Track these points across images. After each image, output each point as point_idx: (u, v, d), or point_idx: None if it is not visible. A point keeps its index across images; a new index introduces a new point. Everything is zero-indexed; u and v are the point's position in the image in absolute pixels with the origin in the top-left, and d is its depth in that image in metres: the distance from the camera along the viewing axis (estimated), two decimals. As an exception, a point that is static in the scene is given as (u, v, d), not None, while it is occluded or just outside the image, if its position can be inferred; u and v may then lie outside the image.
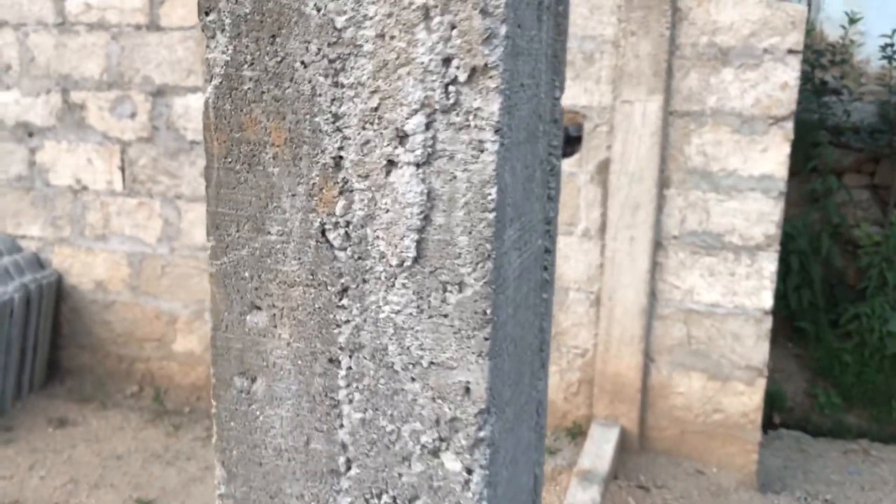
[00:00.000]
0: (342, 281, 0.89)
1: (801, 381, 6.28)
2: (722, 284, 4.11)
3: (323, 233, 0.89)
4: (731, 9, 3.80)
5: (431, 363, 0.87)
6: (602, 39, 4.05)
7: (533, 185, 0.99)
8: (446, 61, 0.81)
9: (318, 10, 0.84)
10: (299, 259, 0.90)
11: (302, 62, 0.85)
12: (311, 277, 0.90)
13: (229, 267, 0.92)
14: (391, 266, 0.87)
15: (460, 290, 0.85)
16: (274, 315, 0.92)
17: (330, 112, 0.85)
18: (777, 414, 5.92)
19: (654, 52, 3.89)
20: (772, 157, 3.90)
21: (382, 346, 0.89)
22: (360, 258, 0.88)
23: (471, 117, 0.81)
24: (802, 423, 5.91)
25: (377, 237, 0.87)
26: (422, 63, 0.81)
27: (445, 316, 0.86)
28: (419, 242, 0.85)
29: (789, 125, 3.86)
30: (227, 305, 0.93)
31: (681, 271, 4.15)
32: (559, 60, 1.05)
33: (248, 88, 0.87)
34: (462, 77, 0.81)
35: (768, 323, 4.11)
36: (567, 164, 4.18)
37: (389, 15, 0.81)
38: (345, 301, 0.89)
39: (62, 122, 4.84)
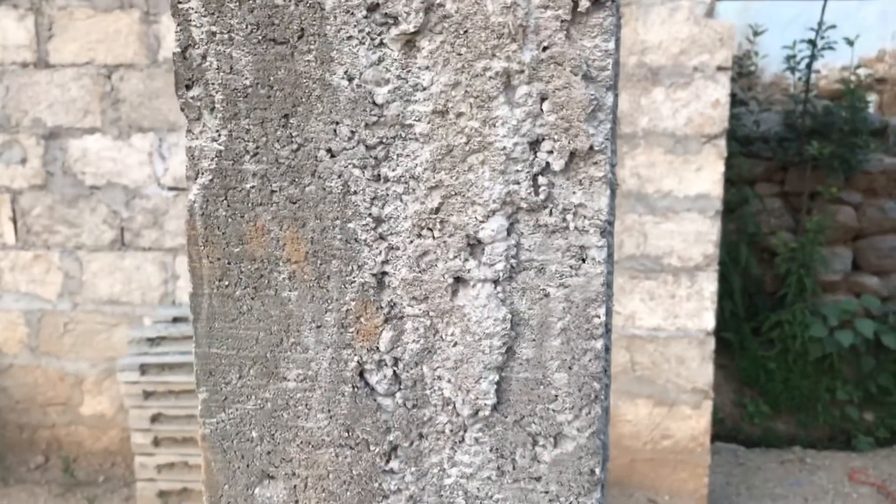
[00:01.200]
0: (390, 438, 0.66)
1: (728, 392, 6.30)
2: (663, 308, 4.02)
3: (361, 375, 0.65)
4: (659, 27, 3.72)
5: (519, 541, 0.65)
6: (528, 62, 3.91)
7: (602, 279, 0.79)
8: (535, 144, 0.60)
9: (350, 80, 0.61)
10: (329, 411, 0.66)
11: (328, 150, 0.62)
12: (345, 435, 0.66)
13: (229, 426, 0.68)
14: (460, 416, 0.64)
15: (557, 445, 0.63)
16: (295, 487, 0.68)
17: (370, 215, 0.63)
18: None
19: (583, 73, 3.77)
20: (707, 175, 3.84)
21: (450, 522, 0.66)
22: (414, 406, 0.65)
23: (569, 217, 0.60)
24: (733, 433, 5.91)
25: (439, 378, 0.64)
26: (502, 148, 0.60)
27: (537, 479, 0.64)
28: (500, 383, 0.63)
29: (722, 143, 3.80)
30: (228, 476, 0.68)
31: (621, 297, 4.03)
32: (615, 119, 0.84)
33: (252, 187, 0.64)
34: (557, 165, 0.59)
35: (712, 344, 4.03)
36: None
37: (455, 85, 0.59)
38: (394, 464, 0.66)
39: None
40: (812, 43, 5.69)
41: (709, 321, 3.98)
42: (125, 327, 4.30)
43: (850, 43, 5.71)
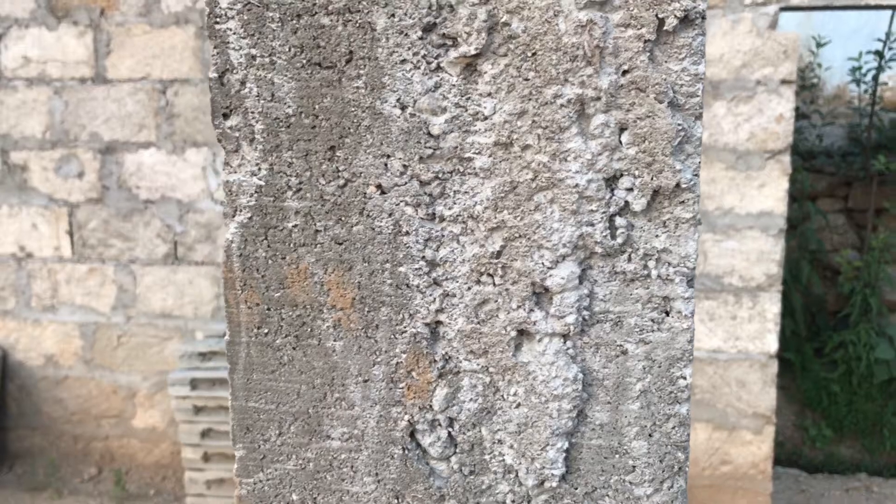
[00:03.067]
0: (445, 506, 0.59)
1: (789, 414, 6.10)
2: (723, 329, 3.88)
3: (413, 435, 0.59)
4: (720, 40, 3.60)
5: None
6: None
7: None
8: (612, 181, 0.52)
9: (403, 109, 0.54)
10: (377, 475, 0.59)
11: (378, 186, 0.56)
12: (395, 502, 0.60)
13: (268, 487, 0.61)
14: (523, 486, 0.57)
15: (633, 520, 0.56)
16: (339, 556, 0.61)
17: (423, 258, 0.56)
18: (769, 450, 5.71)
19: (641, 87, 3.67)
20: (770, 192, 3.70)
21: None
22: (472, 473, 0.58)
23: (651, 263, 0.52)
24: (794, 456, 5.71)
25: (500, 442, 0.57)
26: (575, 186, 0.52)
27: (611, 558, 0.56)
28: (570, 451, 0.56)
29: (786, 158, 3.66)
30: (267, 542, 0.62)
31: (679, 317, 3.91)
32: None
33: (295, 226, 0.57)
34: (638, 204, 0.52)
35: (774, 367, 3.88)
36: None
37: (520, 114, 0.52)
38: (449, 534, 0.59)
39: (2, 184, 4.45)
40: (879, 54, 5.50)
41: (771, 343, 3.83)
42: (177, 341, 4.31)
43: (919, 54, 5.50)
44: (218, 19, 0.55)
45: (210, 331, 4.04)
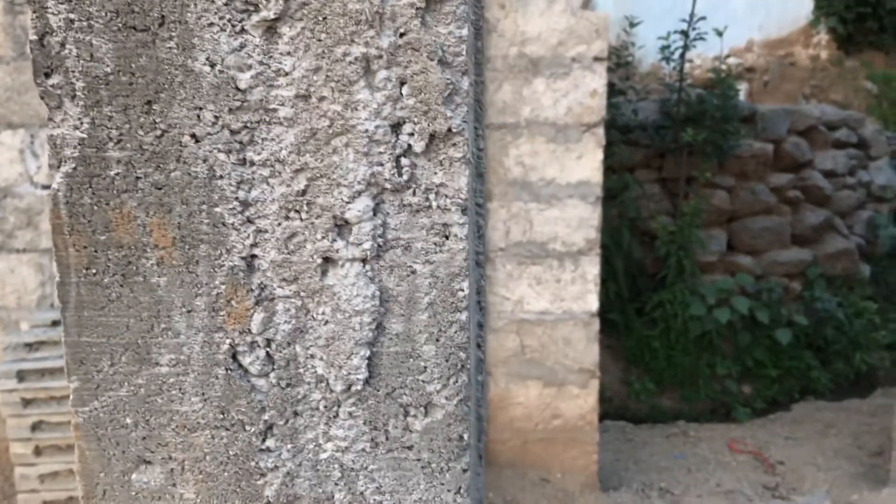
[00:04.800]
0: (265, 417, 0.67)
1: (616, 371, 6.52)
2: (550, 292, 4.13)
3: (234, 357, 0.67)
4: (538, 19, 3.81)
5: (395, 509, 0.68)
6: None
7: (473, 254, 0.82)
8: (396, 127, 0.62)
9: (213, 66, 0.62)
10: (203, 394, 0.67)
11: (192, 135, 0.63)
12: (220, 417, 0.67)
13: (103, 413, 0.68)
14: (333, 392, 0.66)
15: (427, 414, 0.66)
16: (172, 470, 0.68)
17: (236, 199, 0.64)
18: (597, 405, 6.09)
19: (466, 64, 3.82)
20: (587, 163, 3.96)
21: (327, 496, 0.68)
22: (288, 385, 0.67)
23: (431, 196, 0.63)
24: (621, 410, 6.12)
25: (312, 356, 0.66)
26: (365, 131, 0.62)
27: (409, 448, 0.67)
28: (371, 358, 0.65)
29: (601, 131, 3.93)
30: (104, 464, 0.68)
31: (509, 282, 4.12)
32: (481, 105, 0.88)
33: (117, 174, 0.64)
34: (418, 146, 0.62)
35: (596, 325, 4.18)
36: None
37: (316, 70, 0.61)
38: (270, 442, 0.68)
39: None
40: (685, 34, 5.94)
41: (593, 303, 4.12)
42: (0, 333, 4.11)
43: (720, 34, 5.98)
44: (35, -15, 0.60)
45: (36, 320, 3.88)
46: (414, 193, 0.62)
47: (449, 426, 0.66)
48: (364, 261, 0.64)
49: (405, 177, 0.62)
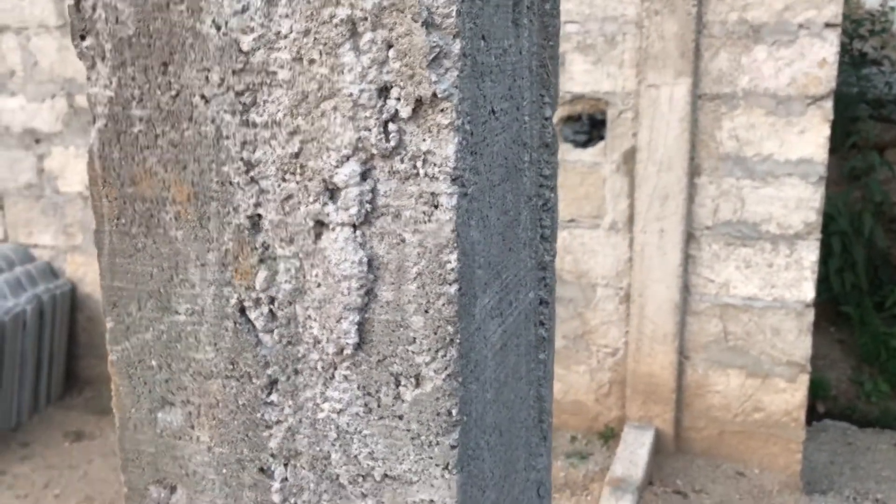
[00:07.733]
0: (269, 372, 0.70)
1: (845, 368, 6.01)
2: (759, 276, 3.86)
3: (242, 311, 0.69)
4: (762, -18, 3.53)
5: (386, 476, 0.68)
6: (624, 20, 3.80)
7: (518, 231, 0.79)
8: (383, 91, 0.61)
9: (218, 29, 0.64)
10: (215, 345, 0.70)
11: (202, 96, 0.66)
12: (230, 367, 0.71)
13: (132, 354, 0.73)
14: (328, 354, 0.67)
15: (417, 385, 0.65)
16: (190, 413, 0.73)
17: (241, 159, 0.66)
18: (821, 403, 5.66)
19: (680, 31, 3.64)
20: (810, 139, 3.64)
21: (324, 454, 0.69)
22: (289, 343, 0.68)
23: (419, 164, 0.61)
24: (848, 412, 5.64)
25: (309, 318, 0.67)
26: (350, 95, 0.61)
27: (400, 417, 0.66)
28: (361, 325, 0.65)
29: (828, 104, 3.59)
30: (134, 400, 0.74)
31: (715, 264, 3.90)
32: (548, 71, 0.84)
33: (140, 131, 0.68)
34: (404, 112, 0.60)
35: (810, 316, 3.85)
36: (590, 154, 3.94)
37: (306, 32, 0.61)
38: (274, 397, 0.70)
39: (69, 127, 4.70)
40: (951, -3, 5.25)
41: (808, 292, 3.80)
42: None
43: None
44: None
45: None
46: (402, 160, 0.61)
47: (437, 400, 0.64)
48: (354, 226, 0.64)
49: (393, 142, 0.61)
